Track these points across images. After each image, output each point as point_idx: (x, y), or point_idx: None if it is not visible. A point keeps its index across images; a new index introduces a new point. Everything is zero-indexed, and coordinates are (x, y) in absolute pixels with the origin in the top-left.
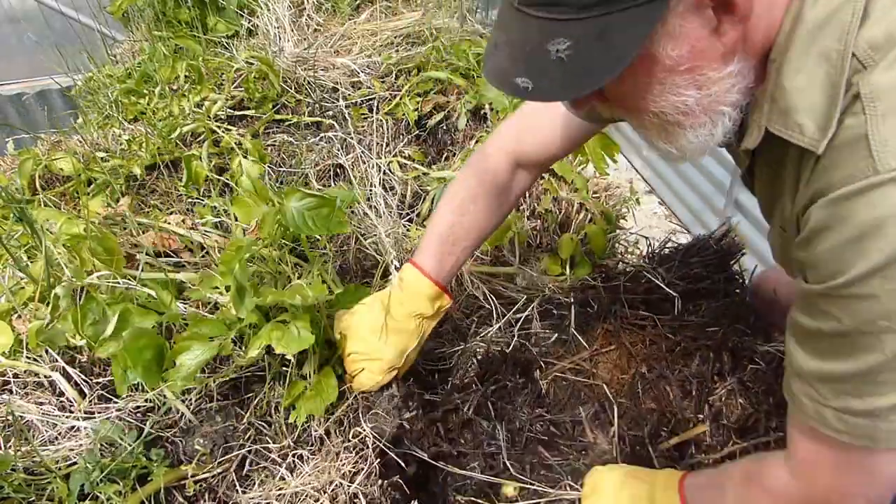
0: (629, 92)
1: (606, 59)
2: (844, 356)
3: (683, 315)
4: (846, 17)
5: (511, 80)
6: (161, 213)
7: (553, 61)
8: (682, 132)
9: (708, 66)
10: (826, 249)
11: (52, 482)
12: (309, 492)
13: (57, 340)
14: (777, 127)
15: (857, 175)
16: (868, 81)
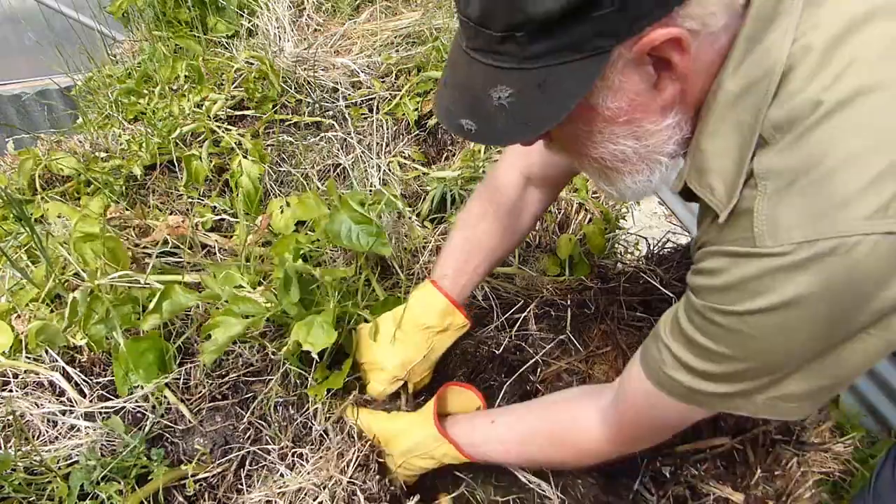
0: (570, 138)
1: (546, 110)
2: (691, 353)
3: None
4: (761, 92)
5: (456, 121)
6: (161, 212)
7: (496, 107)
8: (621, 177)
9: (646, 118)
10: (704, 281)
11: (52, 482)
12: (309, 489)
13: (57, 340)
14: (694, 185)
15: (739, 242)
16: (763, 161)
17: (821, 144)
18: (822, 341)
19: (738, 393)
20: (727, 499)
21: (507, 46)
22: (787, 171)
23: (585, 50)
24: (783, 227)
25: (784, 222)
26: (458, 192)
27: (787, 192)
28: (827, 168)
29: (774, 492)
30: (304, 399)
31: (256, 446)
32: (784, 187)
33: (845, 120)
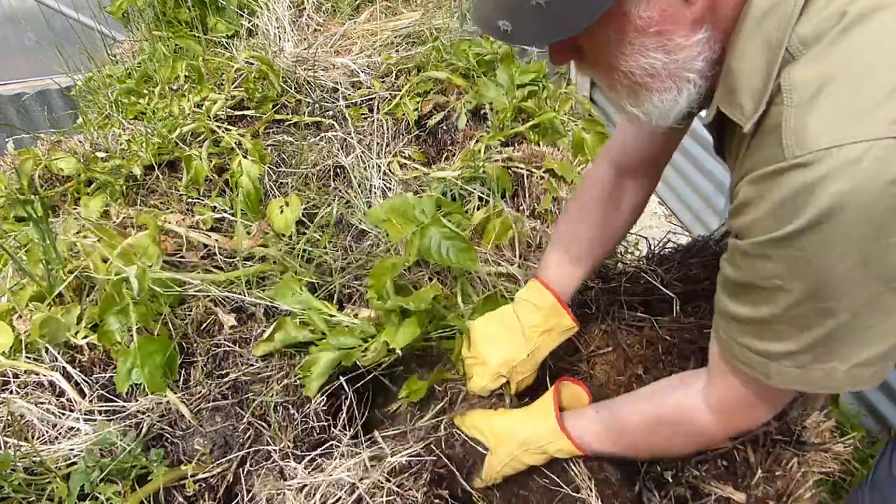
0: (601, 48)
1: (580, 8)
2: (748, 303)
3: (682, 316)
4: (789, 6)
5: (493, 23)
6: (161, 212)
7: (532, 6)
8: (649, 95)
9: (676, 31)
10: (746, 218)
11: (52, 482)
12: (308, 489)
13: (59, 335)
14: (724, 106)
15: (770, 160)
16: (789, 74)
17: (846, 52)
18: (868, 268)
19: (809, 353)
20: (728, 498)
21: None
22: (812, 80)
23: None
24: (811, 134)
25: (812, 130)
26: (458, 192)
27: (813, 101)
28: (852, 75)
29: (775, 492)
30: (305, 399)
31: (256, 446)
32: (810, 97)
33: (869, 30)
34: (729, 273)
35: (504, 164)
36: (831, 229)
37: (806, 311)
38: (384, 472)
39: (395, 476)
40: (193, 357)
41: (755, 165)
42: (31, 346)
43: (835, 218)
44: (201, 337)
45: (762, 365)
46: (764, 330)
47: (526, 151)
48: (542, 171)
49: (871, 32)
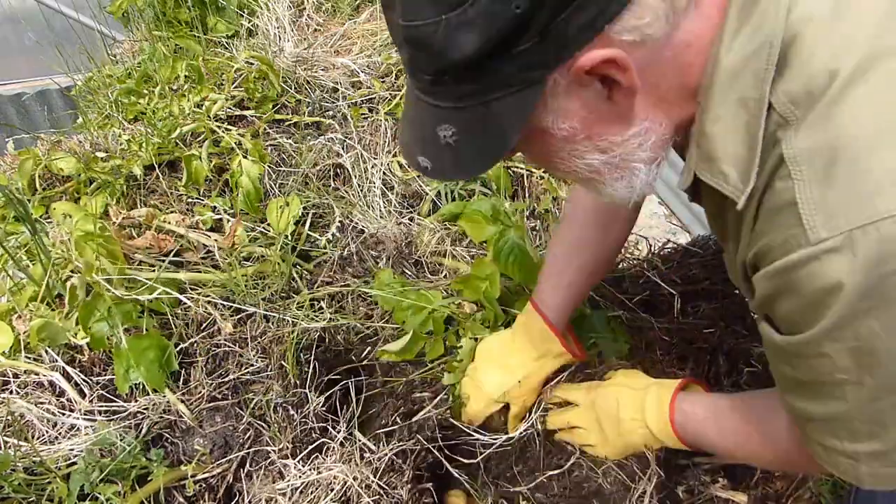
0: (534, 157)
1: (491, 145)
2: (815, 400)
3: (682, 316)
4: (761, 64)
5: (414, 157)
6: (161, 212)
7: (443, 145)
8: (601, 186)
9: (607, 131)
10: (781, 313)
11: (52, 482)
12: (309, 489)
13: (58, 338)
14: (704, 174)
15: (792, 244)
16: (791, 144)
17: (850, 120)
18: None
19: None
20: (728, 499)
21: (439, 88)
22: (822, 149)
23: (515, 84)
24: (838, 212)
25: (838, 207)
26: (458, 191)
27: (829, 174)
28: (867, 139)
29: (775, 492)
30: (304, 399)
31: (256, 447)
32: (823, 169)
33: (868, 91)
34: (782, 369)
35: (504, 164)
36: (888, 310)
37: (884, 406)
38: (372, 471)
39: (381, 475)
40: (193, 357)
41: (770, 251)
42: (30, 346)
43: (888, 296)
44: (201, 337)
45: (852, 468)
46: (842, 429)
47: None
48: (542, 172)
49: (876, 89)
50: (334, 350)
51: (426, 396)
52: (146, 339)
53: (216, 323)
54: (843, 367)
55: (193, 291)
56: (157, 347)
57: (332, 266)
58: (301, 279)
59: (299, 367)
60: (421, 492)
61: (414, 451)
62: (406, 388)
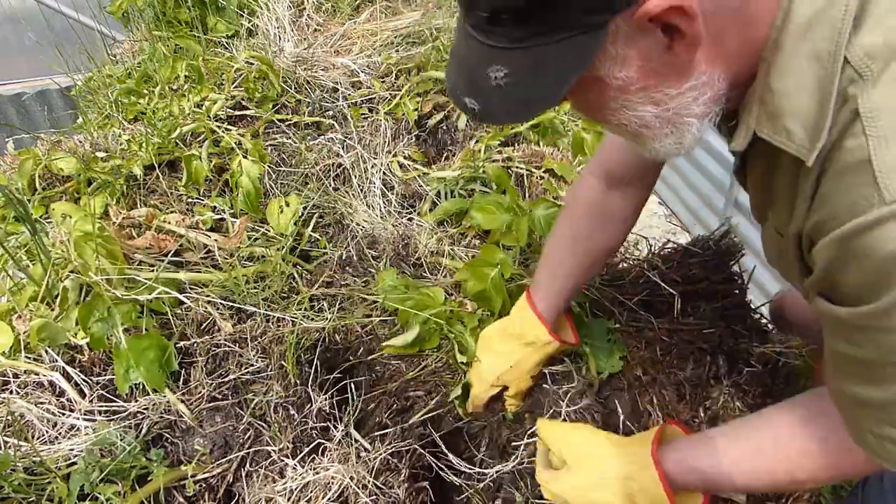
0: (585, 107)
1: (544, 89)
2: (876, 384)
3: (681, 316)
4: (837, 13)
5: (462, 99)
6: (161, 212)
7: (493, 87)
8: (648, 140)
9: (663, 83)
10: (846, 284)
11: (52, 482)
12: (308, 489)
13: (58, 338)
14: (765, 131)
15: (863, 205)
16: (868, 98)
17: None
18: None
19: None
20: (728, 499)
21: (496, 27)
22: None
23: (577, 28)
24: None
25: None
26: (458, 191)
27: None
28: None
29: None
30: (304, 399)
31: (256, 447)
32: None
33: None
34: (843, 349)
35: (504, 164)
36: None
37: None
38: (368, 471)
39: (378, 475)
40: (193, 357)
41: (837, 215)
42: (30, 346)
43: None
44: (201, 337)
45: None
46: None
47: (526, 151)
48: (542, 171)
49: None
50: (334, 349)
51: (421, 395)
52: (146, 339)
53: (216, 323)
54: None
55: (193, 291)
56: (157, 347)
57: (332, 266)
58: (301, 279)
59: (299, 366)
60: (418, 491)
61: (409, 451)
62: (403, 385)
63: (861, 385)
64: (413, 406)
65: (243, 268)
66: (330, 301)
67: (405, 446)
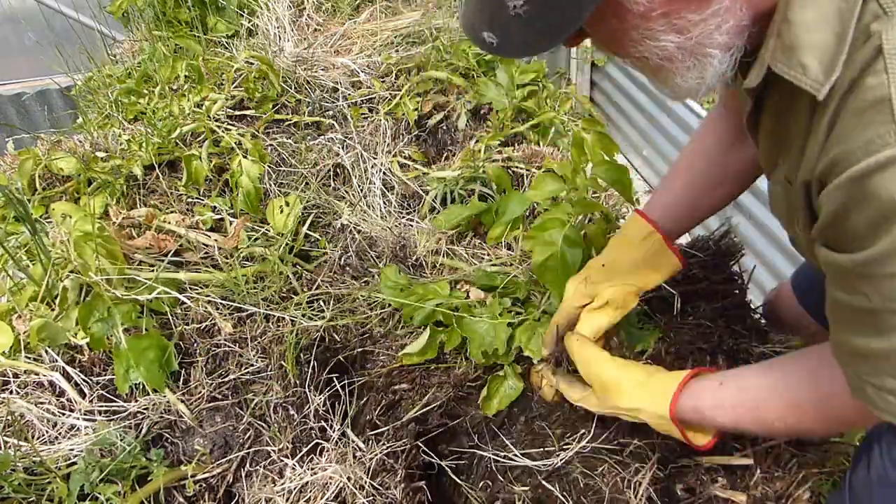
0: (606, 38)
1: (563, 16)
2: (877, 334)
3: (681, 316)
4: None
5: (479, 34)
6: (161, 212)
7: (511, 17)
8: (671, 75)
9: (685, 8)
10: (850, 229)
11: (52, 482)
12: (307, 490)
13: (58, 338)
14: (780, 66)
15: (878, 144)
16: (893, 35)
17: None
18: None
19: None
20: (728, 499)
21: None
22: None
23: None
24: None
25: None
26: (458, 191)
27: None
28: None
29: (774, 493)
30: (303, 399)
31: (256, 447)
32: None
33: None
34: (844, 299)
35: (504, 164)
36: None
37: None
38: (365, 472)
39: (374, 476)
40: (193, 357)
41: (850, 153)
42: (30, 346)
43: None
44: (201, 337)
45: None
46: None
47: (526, 151)
48: (543, 172)
49: None
50: (334, 349)
51: (406, 388)
52: (146, 339)
53: (216, 323)
54: None
55: (193, 291)
56: (157, 347)
57: (331, 266)
58: (301, 279)
59: (299, 366)
60: (415, 491)
61: (405, 451)
62: (387, 380)
63: (861, 335)
64: (401, 401)
65: (243, 268)
66: (327, 300)
67: (400, 447)
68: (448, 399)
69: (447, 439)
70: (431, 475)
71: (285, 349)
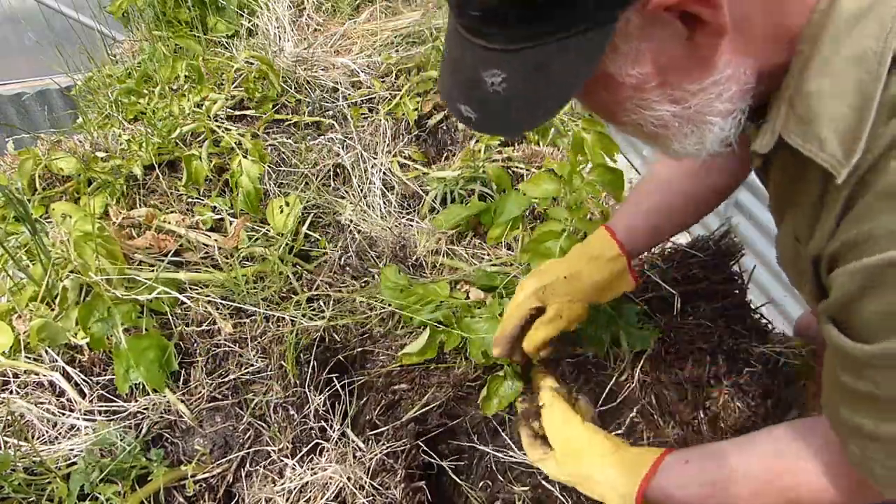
0: (597, 108)
1: (549, 93)
2: (885, 420)
3: (681, 316)
4: (889, 10)
5: (457, 107)
6: (161, 212)
7: (490, 93)
8: (667, 141)
9: (683, 79)
10: (865, 316)
11: (52, 482)
12: (307, 490)
13: (58, 338)
14: (794, 137)
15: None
16: None
17: None
18: None
19: None
20: None
21: (490, 28)
22: None
23: (584, 23)
24: None
25: None
26: (458, 191)
27: None
28: None
29: None
30: (303, 399)
31: (256, 447)
32: None
33: None
34: (849, 382)
35: (504, 164)
36: None
37: None
38: (365, 472)
39: (374, 476)
40: (193, 357)
41: (873, 243)
42: (30, 346)
43: None
44: (201, 337)
45: None
46: None
47: (526, 151)
48: (542, 172)
49: None
50: (334, 349)
51: (405, 388)
52: (146, 339)
53: (216, 323)
54: None
55: (193, 291)
56: (156, 347)
57: (332, 266)
58: (301, 279)
59: (299, 366)
60: (415, 490)
61: (405, 451)
62: (387, 380)
63: (867, 418)
64: (400, 401)
65: (243, 268)
66: (327, 301)
67: (400, 447)
68: (448, 399)
69: (447, 439)
70: (431, 475)
71: (285, 349)
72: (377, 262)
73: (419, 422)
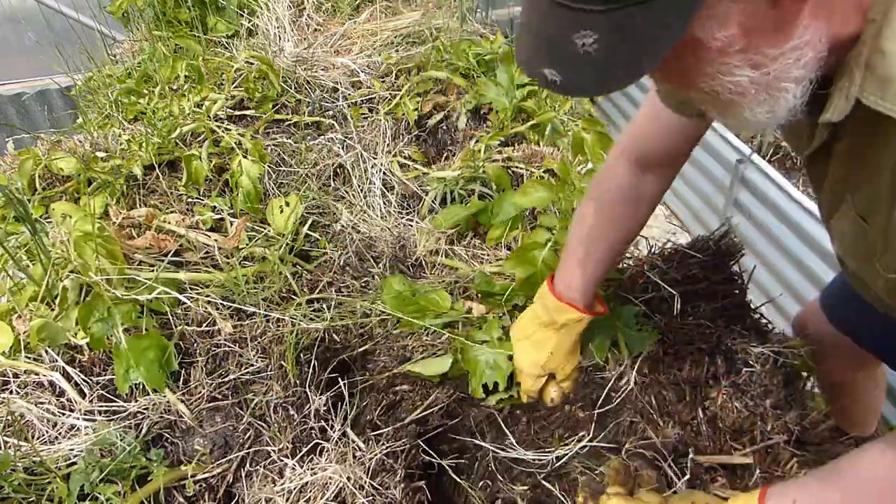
0: (678, 76)
1: (639, 55)
2: None
3: (681, 316)
4: None
5: (539, 71)
6: (161, 212)
7: (580, 55)
8: (739, 109)
9: (764, 43)
10: None
11: (52, 482)
12: (307, 490)
13: (58, 338)
14: (873, 98)
15: None
16: None
17: None
18: None
19: None
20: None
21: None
22: None
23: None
24: None
25: None
26: (458, 192)
27: None
28: None
29: None
30: (304, 399)
31: (256, 447)
32: None
33: None
34: None
35: (504, 163)
36: None
37: None
38: (365, 471)
39: (374, 476)
40: (193, 357)
41: None
42: (30, 346)
43: None
44: (201, 337)
45: None
46: None
47: (526, 151)
48: (542, 171)
49: None
50: (334, 349)
51: (407, 389)
52: (146, 339)
53: (216, 323)
54: None
55: (193, 291)
56: (157, 347)
57: (332, 266)
58: (301, 279)
59: (299, 366)
60: (414, 491)
61: (405, 451)
62: (389, 380)
63: None
64: (401, 401)
65: (243, 268)
66: (327, 301)
67: (400, 446)
68: (450, 400)
69: (447, 437)
70: (431, 475)
71: (285, 349)
72: (376, 262)
73: (420, 422)
